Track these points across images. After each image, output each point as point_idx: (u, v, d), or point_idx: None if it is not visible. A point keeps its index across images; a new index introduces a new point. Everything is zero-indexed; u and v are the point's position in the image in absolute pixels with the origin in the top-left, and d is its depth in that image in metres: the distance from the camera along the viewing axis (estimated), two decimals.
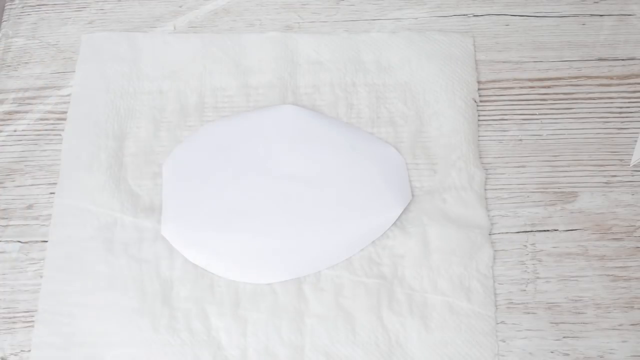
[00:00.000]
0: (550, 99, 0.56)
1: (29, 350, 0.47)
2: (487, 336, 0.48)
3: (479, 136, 0.55)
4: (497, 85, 0.57)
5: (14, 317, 0.48)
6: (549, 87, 0.57)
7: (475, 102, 0.56)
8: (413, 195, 0.52)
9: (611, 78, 0.57)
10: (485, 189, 0.53)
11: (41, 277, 0.49)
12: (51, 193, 0.52)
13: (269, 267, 0.50)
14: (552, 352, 0.47)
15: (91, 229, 0.51)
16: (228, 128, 0.54)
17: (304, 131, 0.54)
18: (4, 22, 0.59)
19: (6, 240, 0.51)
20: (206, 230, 0.50)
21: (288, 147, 0.53)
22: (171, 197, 0.52)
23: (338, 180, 0.52)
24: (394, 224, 0.51)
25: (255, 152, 0.53)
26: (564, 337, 0.48)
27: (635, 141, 0.54)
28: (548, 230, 0.51)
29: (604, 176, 0.53)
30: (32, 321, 0.48)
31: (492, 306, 0.49)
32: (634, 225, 0.52)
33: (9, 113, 0.56)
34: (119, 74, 0.56)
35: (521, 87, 0.57)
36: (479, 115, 0.56)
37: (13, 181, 0.53)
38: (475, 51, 0.58)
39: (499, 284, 0.50)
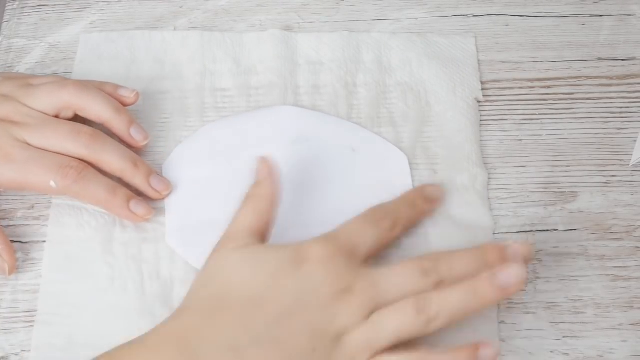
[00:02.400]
0: (550, 99, 0.56)
1: (30, 351, 0.47)
2: (489, 337, 0.48)
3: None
4: (497, 85, 0.57)
5: (15, 317, 0.48)
6: (548, 87, 0.57)
7: (479, 101, 0.56)
8: None
9: (611, 78, 0.57)
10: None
11: (42, 277, 0.49)
12: None
13: None
14: (551, 352, 0.47)
15: (90, 229, 0.50)
16: (228, 129, 0.54)
17: (304, 133, 0.54)
18: (5, 23, 0.59)
19: None
20: (210, 237, 0.50)
21: (288, 150, 0.53)
22: (173, 202, 0.51)
23: (339, 183, 0.52)
24: None
25: (255, 154, 0.53)
26: (563, 337, 0.48)
27: (635, 141, 0.54)
28: (548, 230, 0.51)
29: (604, 176, 0.53)
30: (33, 321, 0.48)
31: (494, 307, 0.48)
32: (634, 225, 0.52)
33: None
34: (117, 74, 0.56)
35: (521, 87, 0.57)
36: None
37: None
38: (477, 51, 0.58)
39: None
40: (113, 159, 0.49)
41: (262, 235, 0.45)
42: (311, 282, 0.42)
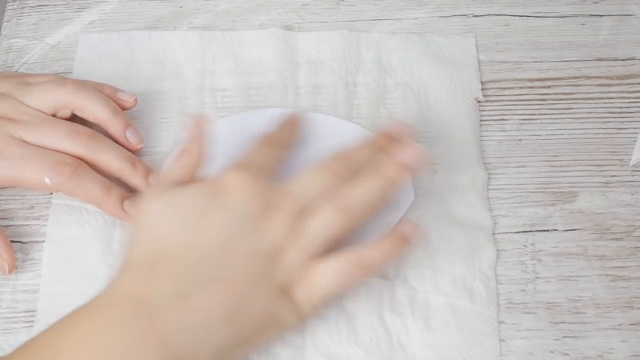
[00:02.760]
0: (550, 99, 0.56)
1: None
2: (489, 337, 0.48)
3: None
4: (496, 85, 0.57)
5: (15, 317, 0.48)
6: (548, 87, 0.57)
7: (479, 101, 0.56)
8: (415, 196, 0.52)
9: (611, 78, 0.57)
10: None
11: (41, 277, 0.49)
12: (52, 193, 0.52)
13: None
14: (551, 352, 0.47)
15: (90, 228, 0.50)
16: (228, 129, 0.54)
17: (304, 133, 0.54)
18: (5, 23, 0.59)
19: None
20: None
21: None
22: None
23: None
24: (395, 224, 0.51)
25: None
26: (563, 337, 0.48)
27: (635, 141, 0.54)
28: (548, 230, 0.51)
29: (604, 176, 0.54)
30: (33, 321, 0.48)
31: (494, 307, 0.48)
32: (634, 225, 0.52)
33: None
34: (117, 74, 0.56)
35: (521, 87, 0.57)
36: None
37: None
38: (477, 51, 0.58)
39: (499, 283, 0.50)
40: (111, 159, 0.49)
41: None
42: (235, 209, 0.43)
